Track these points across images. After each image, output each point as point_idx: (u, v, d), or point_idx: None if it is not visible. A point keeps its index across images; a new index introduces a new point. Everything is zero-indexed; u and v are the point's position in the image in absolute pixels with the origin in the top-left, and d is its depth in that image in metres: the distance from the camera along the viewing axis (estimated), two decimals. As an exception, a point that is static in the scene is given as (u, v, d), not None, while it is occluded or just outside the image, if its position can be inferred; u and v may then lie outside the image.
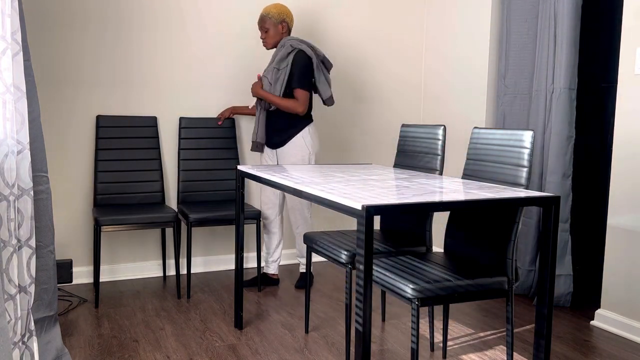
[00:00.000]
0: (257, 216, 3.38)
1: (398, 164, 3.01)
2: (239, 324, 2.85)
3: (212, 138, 3.72)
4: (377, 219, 4.12)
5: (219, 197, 3.72)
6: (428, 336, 2.81)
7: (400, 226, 2.84)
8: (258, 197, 4.00)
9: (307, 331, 2.84)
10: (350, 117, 4.26)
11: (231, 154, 3.78)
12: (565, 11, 3.16)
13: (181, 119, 3.64)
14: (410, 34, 4.39)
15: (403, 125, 3.03)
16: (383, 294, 3.04)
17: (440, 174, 2.73)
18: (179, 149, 3.64)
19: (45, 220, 2.13)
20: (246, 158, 3.94)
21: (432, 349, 2.66)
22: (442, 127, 2.77)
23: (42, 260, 2.15)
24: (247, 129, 3.94)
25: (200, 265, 3.86)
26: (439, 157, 2.75)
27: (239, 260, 2.82)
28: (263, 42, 3.43)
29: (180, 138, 3.65)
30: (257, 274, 3.64)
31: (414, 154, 2.92)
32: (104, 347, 2.60)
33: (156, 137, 3.61)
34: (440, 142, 2.77)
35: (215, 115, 3.80)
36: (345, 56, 4.19)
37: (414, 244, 2.64)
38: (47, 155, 3.43)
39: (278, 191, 3.47)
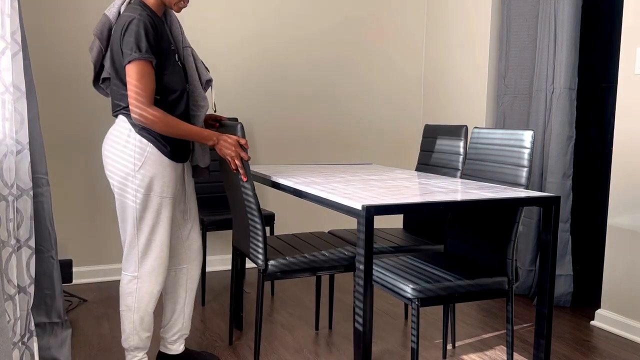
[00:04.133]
0: (270, 218, 3.38)
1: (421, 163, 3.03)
2: (239, 324, 2.85)
3: None
4: (399, 218, 4.15)
5: (225, 199, 3.66)
6: (428, 336, 2.81)
7: (423, 223, 2.86)
8: (268, 198, 3.99)
9: (317, 329, 2.84)
10: (351, 117, 4.26)
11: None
12: (565, 11, 3.16)
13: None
14: (411, 34, 4.39)
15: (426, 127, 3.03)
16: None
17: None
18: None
19: (45, 223, 2.11)
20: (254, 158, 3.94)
21: (445, 356, 2.65)
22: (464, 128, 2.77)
23: (44, 265, 2.13)
24: (252, 128, 3.93)
25: (200, 265, 3.86)
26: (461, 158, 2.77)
27: (238, 260, 2.81)
28: (185, 2, 2.16)
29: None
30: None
31: (436, 156, 2.92)
32: (104, 347, 2.60)
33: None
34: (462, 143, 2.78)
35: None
36: (345, 56, 4.19)
37: (435, 242, 2.74)
38: (48, 155, 3.42)
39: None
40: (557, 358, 2.58)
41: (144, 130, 2.07)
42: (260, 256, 2.26)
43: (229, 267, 3.93)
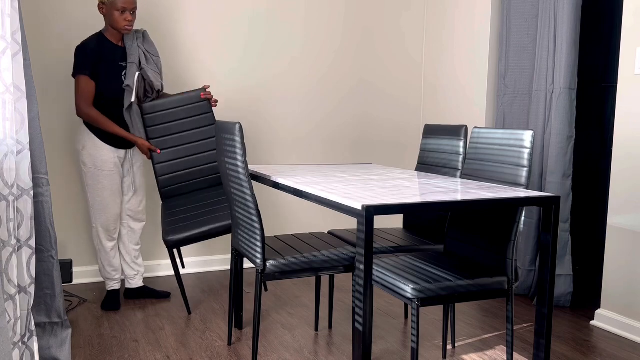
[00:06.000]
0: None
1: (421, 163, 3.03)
2: (239, 324, 2.85)
3: (182, 120, 3.27)
4: (399, 218, 4.15)
5: (204, 185, 3.36)
6: (428, 336, 2.81)
7: (423, 223, 2.86)
8: (267, 198, 4.00)
9: (317, 329, 2.84)
10: (351, 118, 4.26)
11: (212, 131, 3.32)
12: (565, 11, 3.16)
13: (142, 106, 3.18)
14: (410, 34, 4.39)
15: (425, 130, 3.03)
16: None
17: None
18: (148, 139, 3.19)
19: (45, 223, 2.11)
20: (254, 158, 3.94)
21: (445, 356, 2.65)
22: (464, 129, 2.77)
23: (44, 264, 2.13)
24: (251, 129, 3.93)
25: (200, 265, 3.86)
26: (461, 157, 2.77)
27: (238, 260, 2.81)
28: (129, 25, 3.01)
29: (146, 127, 3.18)
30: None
31: (435, 157, 2.92)
32: (104, 347, 2.60)
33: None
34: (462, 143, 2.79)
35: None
36: (345, 56, 4.19)
37: (435, 242, 2.71)
38: (48, 155, 3.42)
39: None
40: (557, 358, 2.58)
41: (84, 122, 3.05)
42: (259, 256, 2.26)
43: (229, 267, 3.93)
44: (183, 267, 3.44)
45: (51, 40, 3.39)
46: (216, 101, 3.30)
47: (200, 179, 3.32)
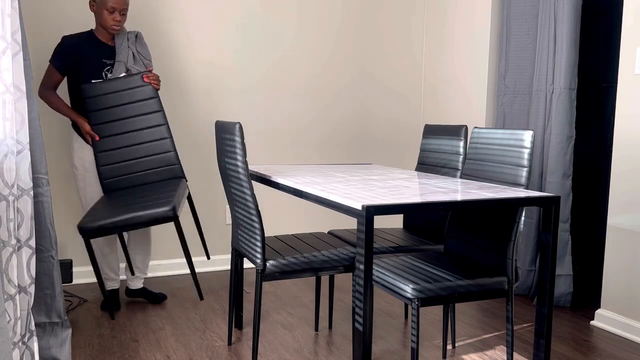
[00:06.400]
0: None
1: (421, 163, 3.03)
2: (239, 324, 2.85)
3: (125, 105, 3.07)
4: (399, 218, 4.15)
5: (153, 178, 3.13)
6: (428, 336, 2.81)
7: (423, 223, 2.86)
8: (267, 198, 3.99)
9: (317, 329, 2.84)
10: (351, 117, 4.26)
11: (157, 119, 3.11)
12: (565, 11, 3.16)
13: (85, 87, 3.02)
14: (411, 34, 4.39)
15: (425, 129, 3.03)
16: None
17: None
18: (92, 125, 3.01)
19: (45, 223, 2.12)
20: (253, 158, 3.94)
21: (445, 356, 2.66)
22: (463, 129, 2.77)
23: (44, 264, 2.14)
24: (251, 129, 3.93)
25: (200, 265, 3.86)
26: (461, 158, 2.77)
27: (236, 259, 2.81)
28: (117, 25, 3.00)
29: (87, 111, 3.01)
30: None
31: (435, 157, 2.92)
32: (104, 347, 2.60)
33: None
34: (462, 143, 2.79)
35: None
36: (345, 56, 4.19)
37: (435, 241, 2.71)
38: (48, 155, 3.42)
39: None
40: (557, 358, 2.58)
41: (71, 124, 3.08)
42: (259, 256, 2.26)
43: (229, 267, 3.93)
44: (125, 250, 3.26)
45: (51, 40, 3.38)
46: (158, 81, 3.09)
47: (148, 170, 3.07)
